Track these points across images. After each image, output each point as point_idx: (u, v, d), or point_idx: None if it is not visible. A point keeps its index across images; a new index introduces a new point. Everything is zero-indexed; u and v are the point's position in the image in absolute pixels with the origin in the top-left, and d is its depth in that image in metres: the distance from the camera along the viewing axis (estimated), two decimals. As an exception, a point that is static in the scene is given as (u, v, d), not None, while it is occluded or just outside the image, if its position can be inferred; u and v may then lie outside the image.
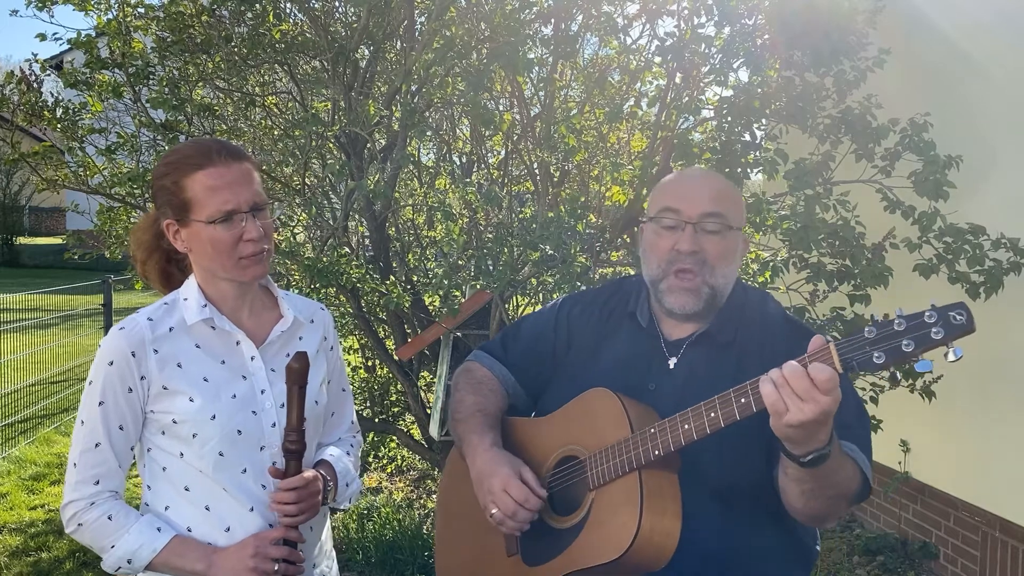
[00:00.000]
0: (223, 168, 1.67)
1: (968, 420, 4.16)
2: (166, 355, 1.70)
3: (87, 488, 1.69)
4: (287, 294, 1.89)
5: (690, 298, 1.73)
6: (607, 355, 1.85)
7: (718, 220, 1.73)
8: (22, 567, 4.45)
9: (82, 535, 1.72)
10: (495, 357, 2.02)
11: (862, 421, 1.72)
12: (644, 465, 1.59)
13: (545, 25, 3.91)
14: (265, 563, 1.68)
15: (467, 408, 1.93)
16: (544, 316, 2.01)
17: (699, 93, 3.73)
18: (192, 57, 4.04)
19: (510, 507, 1.70)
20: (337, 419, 1.98)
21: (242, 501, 1.73)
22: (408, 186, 5.02)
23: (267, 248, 1.72)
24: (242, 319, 1.78)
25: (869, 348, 1.38)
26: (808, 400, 1.38)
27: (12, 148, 4.18)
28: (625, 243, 3.81)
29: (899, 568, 4.50)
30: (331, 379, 1.92)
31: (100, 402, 1.69)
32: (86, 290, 10.10)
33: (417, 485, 5.76)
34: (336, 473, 1.85)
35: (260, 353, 1.77)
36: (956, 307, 1.34)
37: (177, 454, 1.72)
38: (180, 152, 1.73)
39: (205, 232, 1.67)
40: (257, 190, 1.70)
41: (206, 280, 1.75)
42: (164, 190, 1.71)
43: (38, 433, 7.02)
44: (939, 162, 3.14)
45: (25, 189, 24.33)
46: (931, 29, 4.34)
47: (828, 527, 1.80)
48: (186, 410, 1.69)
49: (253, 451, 1.73)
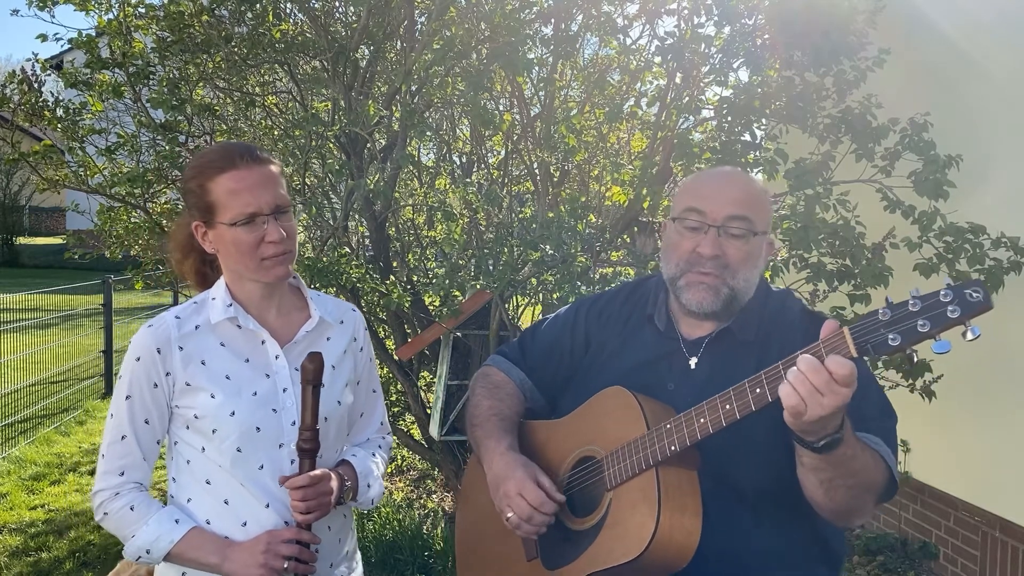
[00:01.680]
0: (245, 171, 1.71)
1: (968, 420, 4.16)
2: (191, 352, 1.75)
3: (113, 479, 1.75)
4: (319, 295, 1.92)
5: (708, 295, 1.70)
6: (625, 358, 1.83)
7: (743, 224, 1.69)
8: (22, 567, 4.45)
9: (107, 523, 1.77)
10: (512, 361, 2.01)
11: (885, 413, 1.70)
12: (661, 462, 1.58)
13: (545, 25, 3.92)
14: (276, 560, 1.70)
15: (483, 412, 1.93)
16: (561, 319, 2.00)
17: (699, 93, 3.73)
18: (192, 57, 4.05)
19: (525, 511, 1.70)
20: (366, 420, 1.99)
21: (259, 497, 1.75)
22: (408, 186, 5.02)
23: (290, 250, 1.75)
24: (269, 319, 1.81)
25: (884, 330, 1.35)
26: (827, 394, 1.36)
27: (12, 148, 4.18)
28: (625, 243, 3.81)
29: (899, 568, 4.50)
30: (360, 380, 1.94)
31: (127, 396, 1.74)
32: (86, 290, 10.11)
33: (417, 485, 5.76)
34: (356, 473, 1.86)
35: (285, 352, 1.80)
36: (972, 284, 1.31)
37: (199, 448, 1.76)
38: (206, 156, 1.78)
39: (228, 234, 1.71)
40: (280, 192, 1.74)
41: (234, 280, 1.80)
42: (191, 193, 1.76)
43: (38, 433, 7.02)
44: (939, 161, 3.14)
45: (25, 189, 24.33)
46: (931, 29, 4.34)
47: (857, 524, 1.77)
48: (207, 406, 1.73)
49: (271, 448, 1.76)
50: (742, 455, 1.63)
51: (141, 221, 4.44)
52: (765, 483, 1.65)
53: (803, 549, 1.72)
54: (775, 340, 1.73)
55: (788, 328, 1.75)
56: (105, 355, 8.66)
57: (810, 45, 3.21)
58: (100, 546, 4.70)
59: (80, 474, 6.09)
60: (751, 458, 1.64)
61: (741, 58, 3.43)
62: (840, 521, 1.65)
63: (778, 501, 1.66)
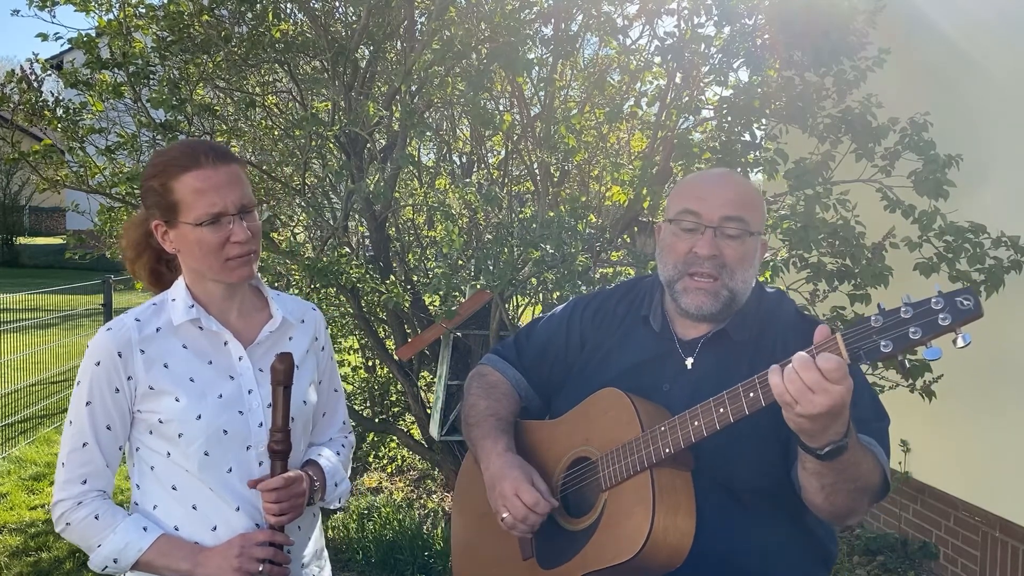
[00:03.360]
0: (210, 170, 1.66)
1: (968, 420, 4.16)
2: (153, 355, 1.70)
3: (75, 487, 1.70)
4: (278, 294, 1.89)
5: (707, 299, 1.71)
6: (620, 358, 1.84)
7: (738, 225, 1.70)
8: (22, 567, 4.45)
9: (70, 534, 1.72)
10: (508, 360, 2.01)
11: (879, 415, 1.70)
12: (655, 464, 1.58)
13: (545, 25, 3.92)
14: (250, 563, 1.67)
15: (479, 413, 1.92)
16: (556, 319, 2.00)
17: (699, 93, 3.73)
18: (192, 57, 4.04)
19: (521, 511, 1.70)
20: (329, 419, 1.96)
21: (228, 501, 1.72)
22: (408, 186, 5.02)
23: (255, 250, 1.72)
24: (231, 319, 1.77)
25: (876, 336, 1.36)
26: (819, 391, 1.37)
27: (12, 148, 4.18)
28: (625, 243, 3.81)
29: (899, 568, 4.49)
30: (322, 379, 1.92)
31: (87, 402, 1.69)
32: (86, 290, 10.10)
33: (417, 485, 5.76)
34: (324, 473, 1.85)
35: (248, 353, 1.77)
36: (963, 292, 1.33)
37: (164, 453, 1.72)
38: (168, 154, 1.73)
39: (192, 234, 1.66)
40: (245, 192, 1.69)
41: (194, 281, 1.75)
42: (152, 191, 1.70)
43: (38, 433, 7.02)
44: (939, 161, 3.14)
45: (25, 189, 24.31)
46: (931, 29, 4.34)
47: (851, 524, 1.78)
48: (172, 410, 1.69)
49: (239, 451, 1.73)
50: (735, 454, 1.64)
51: (141, 221, 4.43)
52: (758, 482, 1.66)
53: (796, 548, 1.73)
54: (768, 341, 1.74)
55: (782, 329, 1.76)
56: (105, 355, 8.64)
57: (810, 45, 3.21)
58: (100, 546, 4.70)
59: (80, 474, 6.08)
60: (744, 457, 1.65)
61: (741, 58, 3.43)
62: (835, 521, 1.67)
63: (771, 500, 1.67)
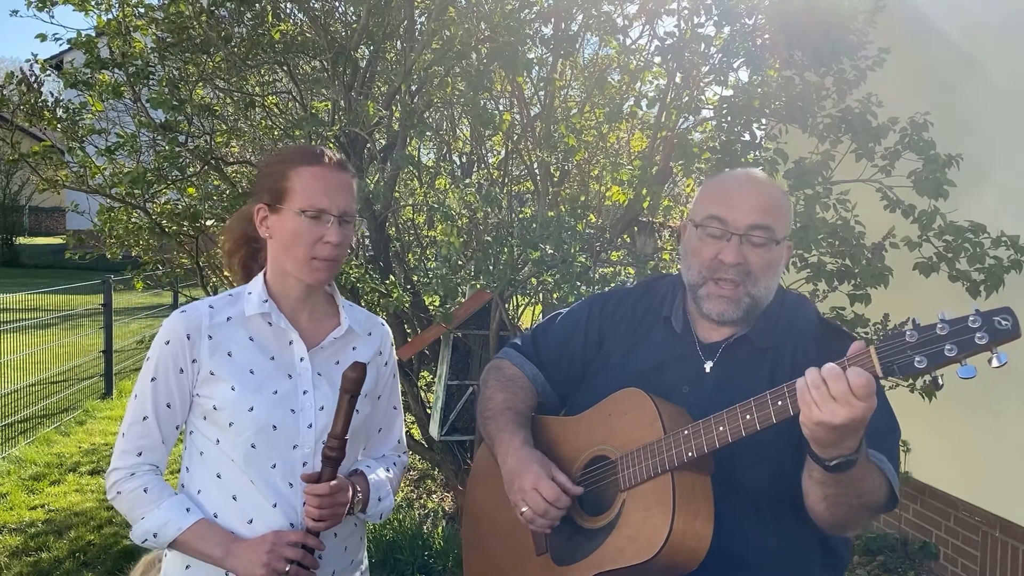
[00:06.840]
0: (328, 171, 1.76)
1: (968, 420, 4.16)
2: (219, 342, 1.76)
3: (130, 458, 1.77)
4: (351, 305, 1.93)
5: (729, 306, 1.71)
6: (639, 357, 1.83)
7: (764, 233, 1.69)
8: (22, 567, 4.45)
9: (119, 503, 1.78)
10: (525, 355, 2.00)
11: (891, 426, 1.70)
12: (677, 467, 1.58)
13: (545, 25, 3.92)
14: (278, 561, 1.70)
15: (497, 405, 1.92)
16: (574, 316, 1.99)
17: (699, 93, 3.73)
18: (192, 57, 4.04)
19: (540, 506, 1.70)
20: (384, 435, 1.99)
21: (267, 496, 1.75)
22: (408, 186, 5.02)
23: (340, 257, 1.78)
24: (300, 320, 1.83)
25: (911, 352, 1.35)
26: (843, 403, 1.36)
27: (12, 148, 4.18)
28: (625, 243, 3.81)
29: (899, 568, 4.49)
30: (381, 394, 1.95)
31: (153, 378, 1.76)
32: (86, 290, 10.10)
33: (417, 485, 5.76)
34: (369, 485, 1.86)
35: (310, 355, 1.81)
36: (1001, 312, 1.31)
37: (214, 440, 1.76)
38: (296, 149, 1.84)
39: (291, 222, 1.74)
40: (350, 202, 1.78)
41: (275, 276, 1.82)
42: (268, 176, 1.80)
43: (38, 433, 7.02)
44: (939, 161, 3.14)
45: (25, 189, 24.32)
46: (931, 29, 4.34)
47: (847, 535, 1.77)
48: (226, 398, 1.74)
49: (286, 449, 1.76)
50: (748, 458, 1.63)
51: (141, 221, 4.44)
52: (771, 486, 1.66)
53: (807, 552, 1.72)
54: (790, 347, 1.74)
55: (803, 335, 1.75)
56: (105, 355, 8.65)
57: (810, 45, 3.21)
58: (100, 546, 4.70)
59: (80, 474, 6.09)
60: (758, 461, 1.64)
61: (741, 58, 3.43)
62: (833, 532, 1.67)
63: (784, 504, 1.66)
